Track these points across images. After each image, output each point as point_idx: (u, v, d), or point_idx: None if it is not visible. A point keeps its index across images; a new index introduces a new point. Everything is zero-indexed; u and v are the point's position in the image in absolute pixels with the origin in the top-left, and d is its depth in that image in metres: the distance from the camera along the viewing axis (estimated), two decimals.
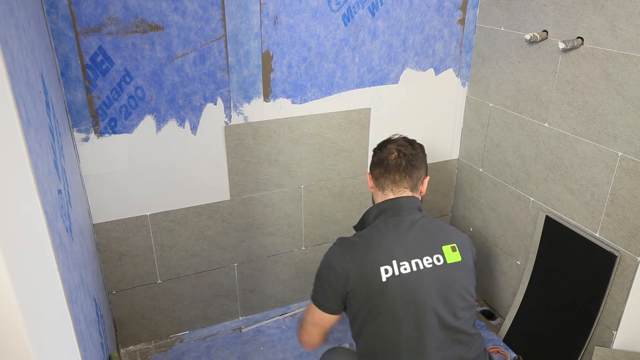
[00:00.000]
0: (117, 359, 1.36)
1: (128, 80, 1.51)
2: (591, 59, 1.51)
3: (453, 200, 2.28)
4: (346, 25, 1.72)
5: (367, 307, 1.28)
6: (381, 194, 1.41)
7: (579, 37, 1.53)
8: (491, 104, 1.94)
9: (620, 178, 1.48)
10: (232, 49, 1.60)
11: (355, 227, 1.46)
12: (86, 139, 1.54)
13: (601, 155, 1.53)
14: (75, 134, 1.52)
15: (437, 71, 1.97)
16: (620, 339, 1.57)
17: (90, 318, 1.14)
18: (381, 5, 1.74)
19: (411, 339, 1.26)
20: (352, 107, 1.88)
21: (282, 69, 1.70)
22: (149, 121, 1.59)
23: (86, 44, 1.42)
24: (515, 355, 1.89)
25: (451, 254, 1.32)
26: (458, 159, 2.20)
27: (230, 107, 1.68)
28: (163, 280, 1.86)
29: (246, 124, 1.73)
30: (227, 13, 1.54)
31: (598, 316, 1.59)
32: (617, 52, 1.42)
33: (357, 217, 2.09)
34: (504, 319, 2.00)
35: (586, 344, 1.63)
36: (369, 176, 1.47)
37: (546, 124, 1.70)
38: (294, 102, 1.77)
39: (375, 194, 1.44)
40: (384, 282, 1.25)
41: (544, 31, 1.64)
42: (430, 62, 1.94)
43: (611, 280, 1.54)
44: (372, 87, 1.87)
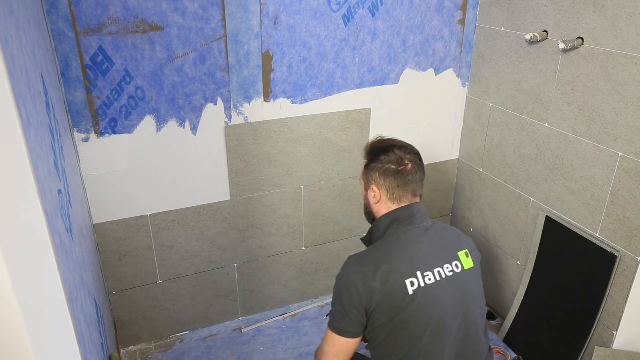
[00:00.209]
0: (117, 359, 1.36)
1: (128, 80, 1.51)
2: (591, 59, 1.51)
3: (453, 200, 2.28)
4: (346, 25, 1.72)
5: (393, 323, 1.23)
6: (394, 207, 1.32)
7: (579, 37, 1.53)
8: (491, 104, 1.94)
9: (620, 178, 1.48)
10: (232, 49, 1.60)
11: (363, 240, 1.40)
12: (86, 139, 1.54)
13: (601, 155, 1.53)
14: (75, 134, 1.52)
15: (437, 71, 1.97)
16: (620, 339, 1.57)
17: (90, 318, 1.14)
18: (381, 5, 1.74)
19: (430, 350, 1.22)
20: (352, 107, 1.88)
21: (282, 69, 1.70)
22: (149, 121, 1.59)
23: (86, 44, 1.42)
24: (515, 355, 1.89)
25: (465, 260, 1.29)
26: (458, 159, 2.20)
27: (230, 107, 1.68)
28: (163, 280, 1.86)
29: (246, 124, 1.73)
30: (227, 13, 1.54)
31: (598, 316, 1.59)
32: (617, 52, 1.42)
33: (357, 217, 2.10)
34: (504, 319, 2.00)
35: (586, 344, 1.63)
36: (375, 189, 1.33)
37: (546, 124, 1.70)
38: (294, 102, 1.77)
39: (381, 205, 1.34)
40: (410, 295, 1.20)
41: (544, 31, 1.64)
42: (430, 62, 1.94)
43: (611, 280, 1.54)
44: (372, 87, 1.87)
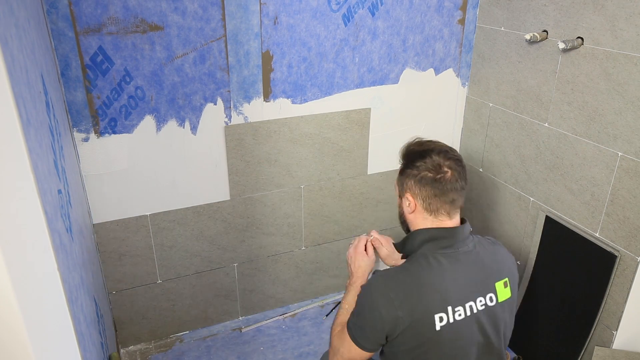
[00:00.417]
0: (117, 359, 1.36)
1: (128, 80, 1.51)
2: (591, 59, 1.51)
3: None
4: (346, 25, 1.72)
5: (415, 353, 1.19)
6: (431, 218, 1.23)
7: (579, 37, 1.53)
8: (491, 104, 1.94)
9: (620, 178, 1.48)
10: (232, 49, 1.60)
11: (396, 246, 1.30)
12: (86, 139, 1.54)
13: (601, 155, 1.53)
14: (75, 134, 1.52)
15: (437, 71, 1.97)
16: (620, 339, 1.57)
17: (90, 318, 1.14)
18: (381, 5, 1.74)
19: None
20: (352, 107, 1.88)
21: (282, 69, 1.70)
22: (149, 121, 1.59)
23: (86, 44, 1.42)
24: (515, 355, 1.89)
25: (503, 291, 1.22)
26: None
27: (230, 107, 1.68)
28: (163, 280, 1.86)
29: (246, 124, 1.73)
30: (227, 13, 1.54)
31: (598, 316, 1.59)
32: (617, 52, 1.42)
33: (357, 217, 2.10)
34: None
35: (586, 344, 1.63)
36: (410, 198, 1.23)
37: (546, 124, 1.70)
38: (294, 102, 1.77)
39: (417, 216, 1.25)
40: (437, 331, 1.15)
41: (544, 31, 1.64)
42: (430, 62, 1.94)
43: (611, 280, 1.54)
44: (372, 87, 1.87)
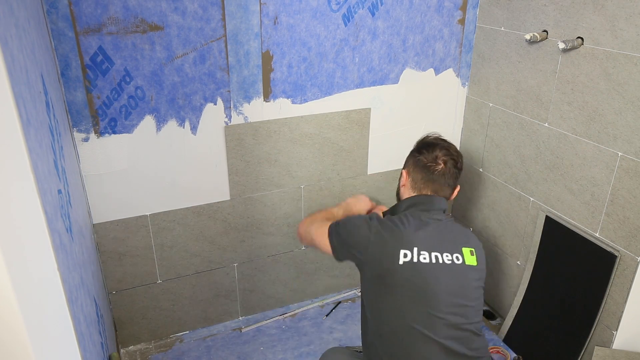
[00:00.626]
0: (117, 359, 1.36)
1: (128, 80, 1.51)
2: (591, 59, 1.51)
3: (453, 200, 2.28)
4: (346, 25, 1.72)
5: (379, 285, 1.33)
6: (412, 193, 1.46)
7: (579, 37, 1.53)
8: (491, 104, 1.94)
9: (620, 178, 1.48)
10: (232, 49, 1.60)
11: (385, 213, 1.51)
12: (86, 139, 1.54)
13: (601, 155, 1.53)
14: (75, 134, 1.52)
15: (437, 71, 1.97)
16: (620, 339, 1.57)
17: (90, 318, 1.14)
18: (381, 5, 1.74)
19: (420, 325, 1.29)
20: (352, 107, 1.88)
21: (282, 69, 1.70)
22: (149, 121, 1.59)
23: (86, 44, 1.42)
24: (515, 355, 1.89)
25: (469, 257, 1.36)
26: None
27: (230, 107, 1.68)
28: (163, 280, 1.86)
29: (246, 124, 1.73)
30: (227, 13, 1.54)
31: (598, 316, 1.59)
32: (617, 52, 1.42)
33: None
34: (504, 319, 2.00)
35: (586, 344, 1.63)
36: (405, 173, 1.50)
37: (546, 124, 1.70)
38: (294, 102, 1.77)
39: (405, 190, 1.49)
40: (399, 265, 1.29)
41: (544, 31, 1.64)
42: (430, 62, 1.94)
43: (611, 280, 1.54)
44: (372, 87, 1.87)
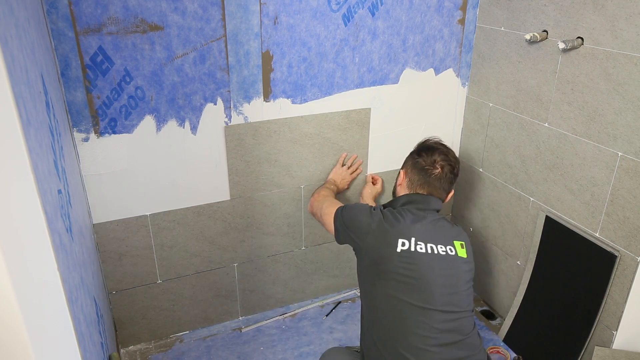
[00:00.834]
0: (117, 359, 1.36)
1: (128, 80, 1.51)
2: (591, 59, 1.51)
3: (453, 200, 2.28)
4: (346, 25, 1.72)
5: (374, 271, 1.42)
6: (407, 192, 1.58)
7: (579, 37, 1.53)
8: (491, 104, 1.94)
9: (620, 178, 1.48)
10: (232, 49, 1.60)
11: (383, 205, 1.60)
12: (86, 139, 1.54)
13: (601, 155, 1.53)
14: (75, 134, 1.52)
15: (437, 71, 1.97)
16: (620, 339, 1.57)
17: (90, 318, 1.14)
18: (381, 5, 1.74)
19: (413, 312, 1.36)
20: (352, 107, 1.88)
21: (282, 69, 1.70)
22: (149, 121, 1.59)
23: (86, 44, 1.42)
24: (515, 355, 1.89)
25: (460, 249, 1.47)
26: (458, 158, 2.20)
27: (230, 107, 1.68)
28: (163, 280, 1.86)
29: (246, 124, 1.73)
30: (227, 13, 1.54)
31: (598, 316, 1.59)
32: (617, 52, 1.42)
33: None
34: (504, 319, 2.00)
35: (586, 344, 1.63)
36: (402, 173, 1.62)
37: (546, 124, 1.70)
38: (294, 102, 1.77)
39: (401, 188, 1.61)
40: (397, 252, 1.39)
41: (544, 31, 1.64)
42: (430, 62, 1.94)
43: (611, 280, 1.54)
44: (372, 87, 1.87)
